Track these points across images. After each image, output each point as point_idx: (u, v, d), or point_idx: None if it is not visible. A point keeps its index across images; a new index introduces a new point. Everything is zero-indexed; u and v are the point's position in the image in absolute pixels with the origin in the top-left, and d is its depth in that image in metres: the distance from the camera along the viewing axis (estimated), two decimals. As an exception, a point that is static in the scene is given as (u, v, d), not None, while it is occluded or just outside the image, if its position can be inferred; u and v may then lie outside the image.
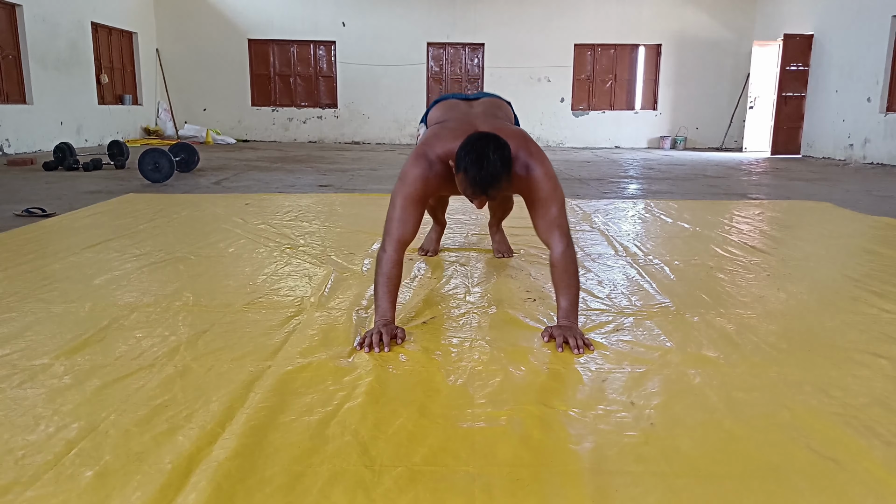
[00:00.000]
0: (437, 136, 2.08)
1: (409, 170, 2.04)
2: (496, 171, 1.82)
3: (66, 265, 2.85)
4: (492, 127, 2.06)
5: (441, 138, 2.06)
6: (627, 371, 1.79)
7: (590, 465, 1.32)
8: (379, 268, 2.02)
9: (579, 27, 13.05)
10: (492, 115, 2.27)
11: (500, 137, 1.89)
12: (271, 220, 4.03)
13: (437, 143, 2.06)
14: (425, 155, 2.04)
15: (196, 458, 1.30)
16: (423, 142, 2.12)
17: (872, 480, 1.27)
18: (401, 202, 2.03)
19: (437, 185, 2.07)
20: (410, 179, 2.03)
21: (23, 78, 9.23)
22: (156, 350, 1.89)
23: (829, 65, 10.63)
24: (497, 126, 2.10)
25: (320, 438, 1.40)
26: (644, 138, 13.51)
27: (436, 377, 1.73)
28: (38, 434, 1.40)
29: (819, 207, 4.98)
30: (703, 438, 1.43)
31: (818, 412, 1.55)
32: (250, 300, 2.39)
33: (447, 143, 2.02)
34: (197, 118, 13.15)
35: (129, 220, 3.97)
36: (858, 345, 2.01)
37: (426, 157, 2.04)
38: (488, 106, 2.34)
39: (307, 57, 13.28)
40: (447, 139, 2.03)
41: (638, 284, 2.68)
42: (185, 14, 12.83)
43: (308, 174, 7.09)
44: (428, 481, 1.24)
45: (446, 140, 2.03)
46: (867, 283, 2.72)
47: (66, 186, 5.61)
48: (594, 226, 4.02)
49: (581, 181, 6.79)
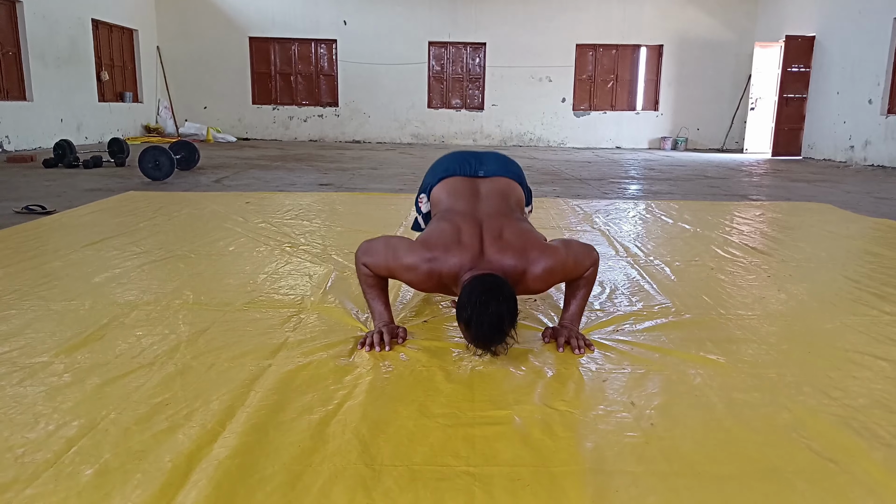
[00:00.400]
0: (447, 249, 1.87)
1: (405, 260, 1.89)
2: (499, 332, 1.69)
3: (66, 263, 2.85)
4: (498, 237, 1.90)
5: (450, 252, 1.87)
6: (628, 371, 1.79)
7: (590, 464, 1.32)
8: (361, 279, 2.01)
9: (581, 27, 13.04)
10: (501, 212, 2.05)
11: (505, 287, 1.73)
12: (272, 218, 4.02)
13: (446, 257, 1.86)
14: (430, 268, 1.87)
15: (196, 457, 1.30)
16: (428, 243, 1.92)
17: (872, 482, 1.28)
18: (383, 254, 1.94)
19: (425, 289, 2.02)
20: (399, 267, 1.90)
21: (23, 75, 9.22)
22: (156, 348, 1.88)
23: (831, 66, 10.63)
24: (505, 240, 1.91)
25: (321, 437, 1.40)
26: (645, 139, 13.50)
27: (436, 377, 1.73)
28: (37, 432, 1.40)
29: (820, 209, 4.98)
30: (703, 439, 1.43)
31: (818, 413, 1.56)
32: (251, 299, 2.39)
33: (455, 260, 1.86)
34: (197, 116, 13.14)
35: (129, 217, 3.97)
36: (858, 346, 2.02)
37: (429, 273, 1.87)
38: (497, 194, 2.14)
39: (308, 55, 13.27)
40: (454, 253, 1.86)
41: (639, 285, 2.68)
42: (186, 11, 12.82)
43: (309, 173, 7.08)
44: (428, 480, 1.24)
45: (455, 255, 1.86)
46: (867, 284, 2.72)
47: (66, 184, 5.61)
48: (595, 226, 4.02)
49: (582, 181, 6.79)
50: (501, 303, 1.69)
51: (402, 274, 1.92)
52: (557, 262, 1.91)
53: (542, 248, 1.92)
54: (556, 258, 1.91)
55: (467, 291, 1.74)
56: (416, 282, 1.94)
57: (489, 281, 1.75)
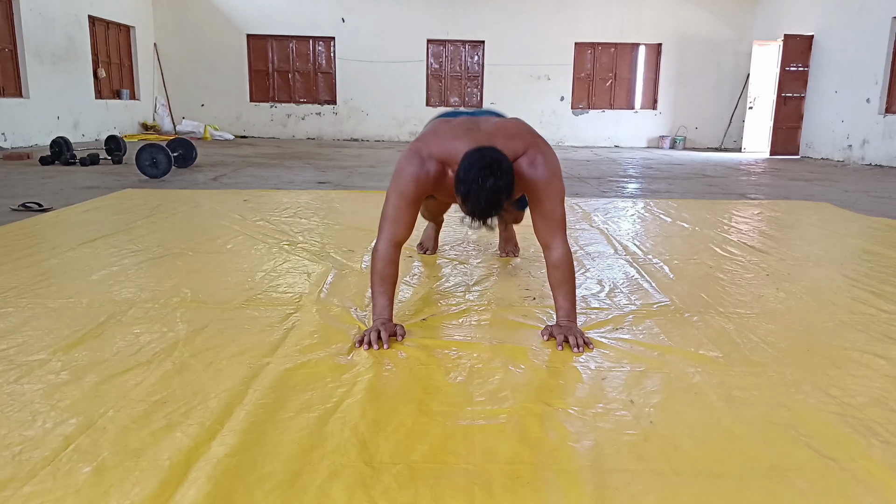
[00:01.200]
0: (435, 134, 2.01)
1: (403, 168, 1.98)
2: (497, 205, 1.73)
3: (63, 260, 2.84)
4: (495, 126, 2.00)
5: (438, 136, 1.99)
6: (627, 369, 1.79)
7: (589, 462, 1.32)
8: (374, 266, 2.00)
9: (580, 25, 13.04)
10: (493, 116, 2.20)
11: (502, 157, 1.78)
12: (270, 216, 4.02)
13: (432, 141, 1.99)
14: (419, 153, 1.97)
15: (194, 455, 1.30)
16: (419, 138, 2.06)
17: (871, 479, 1.28)
18: (394, 201, 1.98)
19: (432, 186, 2.00)
20: (404, 178, 1.97)
21: (19, 72, 9.19)
22: (154, 346, 1.88)
23: (829, 65, 10.64)
24: (500, 125, 2.03)
25: (319, 435, 1.39)
26: (643, 138, 13.51)
27: (435, 375, 1.73)
28: (35, 430, 1.39)
29: (818, 207, 4.99)
30: (702, 437, 1.43)
31: (817, 411, 1.56)
32: (249, 297, 2.38)
33: (444, 142, 1.96)
34: (195, 114, 13.11)
35: (126, 215, 3.96)
36: (857, 344, 2.02)
37: (419, 155, 1.96)
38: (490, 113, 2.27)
39: (306, 53, 13.25)
40: (445, 137, 1.97)
41: (637, 283, 2.68)
42: (184, 8, 12.79)
43: (307, 171, 7.07)
44: (427, 478, 1.24)
45: (444, 138, 1.97)
46: (866, 283, 2.73)
47: (62, 181, 5.59)
48: (593, 224, 4.02)
49: (580, 180, 6.79)
50: (500, 177, 1.72)
51: (410, 187, 1.93)
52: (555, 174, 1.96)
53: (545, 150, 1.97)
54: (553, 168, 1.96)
55: (466, 165, 1.75)
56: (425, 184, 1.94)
57: (488, 155, 1.76)
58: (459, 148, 1.89)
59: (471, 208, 1.76)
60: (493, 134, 1.97)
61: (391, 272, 2.00)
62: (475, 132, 1.97)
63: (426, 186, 1.99)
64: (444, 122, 2.09)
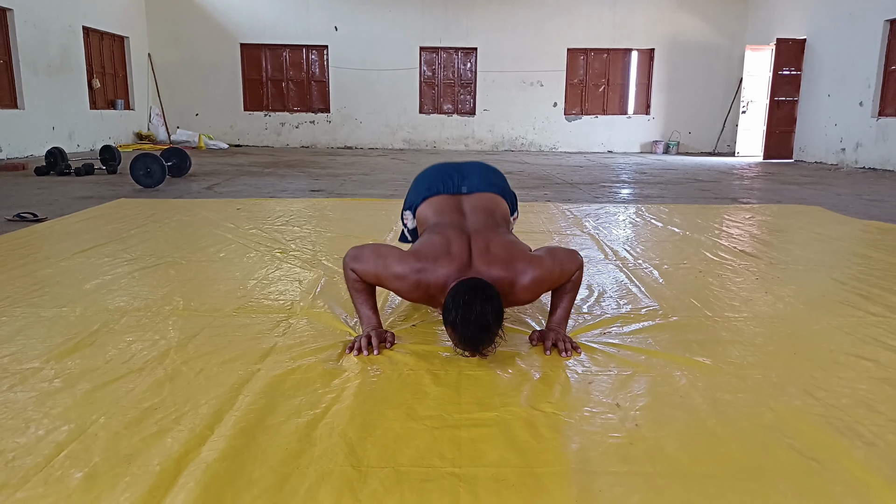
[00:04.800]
0: (436, 260, 1.89)
1: (394, 269, 1.90)
2: (485, 331, 1.71)
3: (57, 270, 2.85)
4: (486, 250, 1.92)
5: (438, 263, 1.88)
6: (614, 374, 1.81)
7: (575, 465, 1.34)
8: (350, 284, 2.02)
9: (572, 32, 13.11)
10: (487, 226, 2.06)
11: (490, 288, 1.76)
12: (262, 224, 4.03)
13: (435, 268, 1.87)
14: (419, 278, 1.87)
15: (184, 460, 1.31)
16: (418, 254, 1.93)
17: (853, 480, 1.29)
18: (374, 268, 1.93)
19: (413, 298, 2.00)
20: (388, 276, 1.91)
21: (14, 83, 9.21)
22: (146, 354, 1.89)
23: (822, 69, 10.71)
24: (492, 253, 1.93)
25: (308, 440, 1.41)
26: (637, 143, 13.57)
27: (423, 380, 1.74)
28: (28, 436, 1.41)
29: (810, 211, 5.02)
30: (687, 439, 1.45)
31: (802, 413, 1.58)
32: (240, 304, 2.40)
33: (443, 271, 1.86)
34: (189, 123, 13.13)
35: (120, 225, 3.97)
36: (844, 347, 2.04)
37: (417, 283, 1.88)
38: (482, 210, 2.15)
39: (300, 61, 13.30)
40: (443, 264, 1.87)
41: (626, 288, 2.70)
42: (177, 18, 12.82)
43: (300, 179, 7.09)
44: (414, 481, 1.26)
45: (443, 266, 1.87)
46: (854, 286, 2.75)
47: (57, 191, 5.60)
48: (585, 230, 4.04)
49: (573, 185, 6.82)
50: (486, 302, 1.71)
51: (391, 282, 1.93)
52: (545, 272, 1.93)
53: (528, 259, 1.94)
54: (542, 268, 1.93)
55: (452, 294, 1.76)
56: (403, 291, 1.95)
57: (474, 283, 1.77)
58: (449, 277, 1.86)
59: (460, 335, 1.75)
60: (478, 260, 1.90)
61: (364, 287, 2.01)
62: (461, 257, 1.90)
63: (408, 297, 2.01)
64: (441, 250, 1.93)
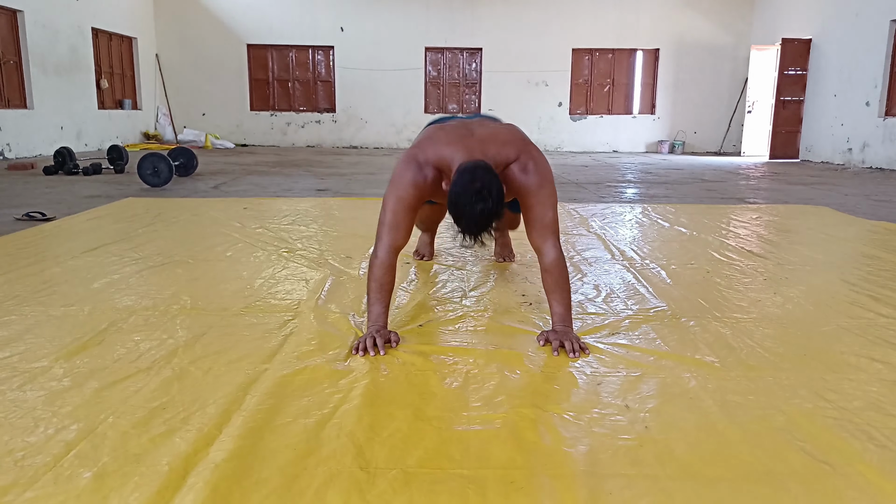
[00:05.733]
0: (430, 139, 2.03)
1: (400, 174, 2.00)
2: (487, 226, 1.79)
3: (65, 269, 2.86)
4: (488, 133, 2.04)
5: (434, 142, 2.02)
6: (622, 374, 1.80)
7: (584, 467, 1.33)
8: (371, 273, 2.02)
9: (577, 31, 13.09)
10: (488, 120, 2.24)
11: (493, 178, 1.80)
12: (269, 224, 4.04)
13: (429, 146, 2.01)
14: (416, 158, 2.00)
15: (193, 460, 1.31)
16: (415, 144, 2.08)
17: (866, 484, 1.28)
18: (392, 206, 2.00)
19: (430, 191, 2.02)
20: (402, 183, 2.00)
21: (24, 83, 9.25)
22: (154, 353, 1.89)
23: (828, 69, 10.66)
24: (494, 131, 2.07)
25: (316, 441, 1.40)
26: (642, 142, 13.54)
27: (431, 380, 1.74)
28: (37, 436, 1.41)
29: (817, 212, 4.99)
30: (697, 442, 1.44)
31: (813, 416, 1.56)
32: (247, 304, 2.40)
33: (440, 148, 1.98)
34: (196, 123, 13.17)
35: (127, 224, 3.98)
36: (854, 348, 2.02)
37: (416, 161, 1.99)
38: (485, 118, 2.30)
39: (306, 62, 13.32)
40: (440, 143, 2.00)
41: (634, 288, 2.69)
42: (185, 19, 12.87)
43: (306, 178, 7.10)
44: (422, 483, 1.25)
45: (439, 144, 2.00)
46: (864, 287, 2.73)
47: (65, 191, 5.62)
48: (591, 230, 4.03)
49: (578, 185, 6.81)
50: (489, 201, 1.75)
51: (408, 189, 1.97)
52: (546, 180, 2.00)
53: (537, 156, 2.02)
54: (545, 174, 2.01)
55: (458, 188, 1.79)
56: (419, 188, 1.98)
57: (479, 177, 1.79)
58: (454, 156, 1.93)
59: (464, 229, 1.83)
60: (486, 140, 2.00)
61: (389, 279, 2.02)
62: (469, 138, 2.00)
63: (424, 191, 2.02)
64: (438, 129, 2.11)
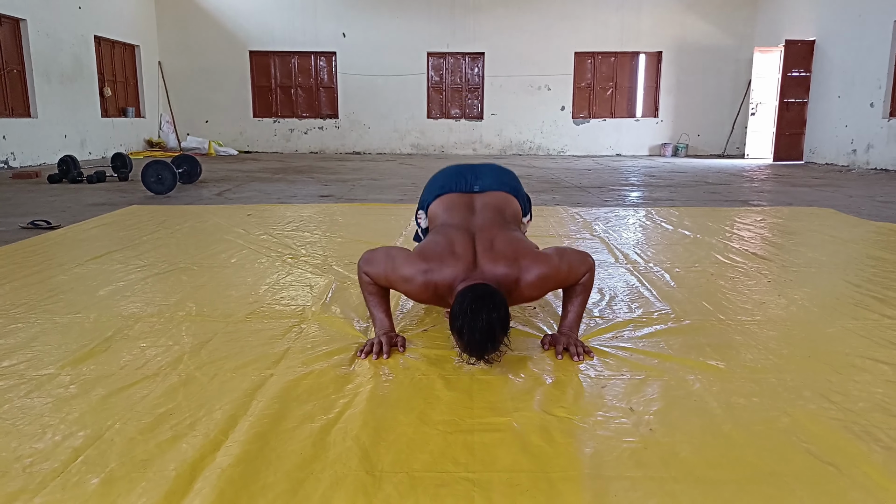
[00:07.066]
0: (442, 260, 1.90)
1: (402, 271, 1.92)
2: (490, 340, 1.71)
3: (70, 276, 2.88)
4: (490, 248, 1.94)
5: (444, 263, 1.90)
6: (627, 378, 1.80)
7: (589, 470, 1.33)
8: (363, 287, 2.04)
9: (579, 35, 13.11)
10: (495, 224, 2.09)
11: (496, 296, 1.75)
12: (273, 230, 4.05)
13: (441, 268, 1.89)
14: (426, 279, 1.89)
15: (200, 465, 1.32)
16: (423, 254, 1.95)
17: (872, 485, 1.28)
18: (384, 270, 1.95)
19: (422, 300, 2.01)
20: (397, 279, 1.93)
21: (27, 92, 9.30)
22: (160, 359, 1.90)
23: (831, 70, 10.65)
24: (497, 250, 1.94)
25: (322, 445, 1.41)
26: (645, 146, 13.53)
27: (436, 384, 1.74)
28: (45, 442, 1.42)
29: (821, 213, 4.98)
30: (701, 444, 1.44)
31: (818, 417, 1.56)
32: (252, 310, 2.41)
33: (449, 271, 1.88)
34: (199, 130, 13.22)
35: (132, 231, 4.00)
36: (859, 350, 2.02)
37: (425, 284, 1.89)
38: (492, 208, 2.18)
39: (308, 68, 13.36)
40: (448, 264, 1.89)
41: (638, 292, 2.69)
42: (187, 27, 12.93)
43: (309, 185, 7.12)
44: (428, 487, 1.26)
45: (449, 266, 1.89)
46: (869, 288, 2.73)
47: (70, 199, 5.65)
48: (595, 234, 4.03)
49: (582, 189, 6.81)
50: (492, 311, 1.70)
51: (400, 285, 1.95)
52: (550, 269, 1.93)
53: (533, 256, 1.94)
54: (548, 265, 1.93)
55: (459, 301, 1.75)
56: (412, 293, 1.96)
57: (480, 290, 1.76)
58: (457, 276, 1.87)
59: (466, 343, 1.74)
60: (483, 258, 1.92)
61: (377, 290, 2.02)
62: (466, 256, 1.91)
63: (417, 298, 2.00)
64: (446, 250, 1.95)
